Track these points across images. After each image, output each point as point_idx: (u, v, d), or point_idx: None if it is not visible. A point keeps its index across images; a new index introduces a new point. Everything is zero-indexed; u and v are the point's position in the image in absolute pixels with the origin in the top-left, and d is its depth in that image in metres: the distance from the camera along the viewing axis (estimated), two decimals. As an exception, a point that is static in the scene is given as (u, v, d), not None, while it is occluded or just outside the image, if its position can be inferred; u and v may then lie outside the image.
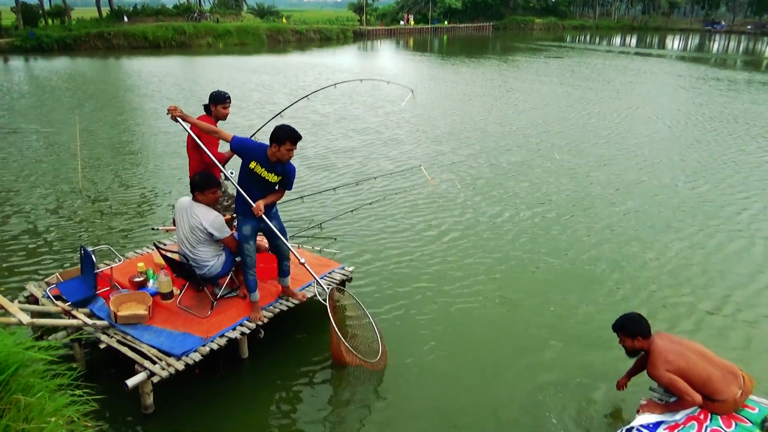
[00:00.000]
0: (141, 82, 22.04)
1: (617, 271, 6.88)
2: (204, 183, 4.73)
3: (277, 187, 4.76)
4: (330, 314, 4.67)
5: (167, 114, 4.71)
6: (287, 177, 4.74)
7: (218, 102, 5.36)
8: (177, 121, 4.74)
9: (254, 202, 4.64)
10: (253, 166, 4.59)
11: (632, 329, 3.92)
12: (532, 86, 22.29)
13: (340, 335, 4.63)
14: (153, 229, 6.89)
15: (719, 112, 17.08)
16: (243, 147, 4.62)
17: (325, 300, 4.80)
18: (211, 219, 4.68)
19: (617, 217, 8.55)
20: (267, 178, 4.63)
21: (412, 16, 68.51)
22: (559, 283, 6.55)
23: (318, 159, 11.47)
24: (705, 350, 3.87)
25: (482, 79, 24.37)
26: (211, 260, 4.79)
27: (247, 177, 4.67)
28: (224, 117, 5.44)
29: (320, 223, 7.55)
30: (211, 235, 4.68)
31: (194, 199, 4.78)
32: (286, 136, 4.48)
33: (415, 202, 9.02)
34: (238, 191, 4.73)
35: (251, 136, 6.24)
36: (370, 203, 8.73)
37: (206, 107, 5.44)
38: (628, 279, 6.68)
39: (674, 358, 3.72)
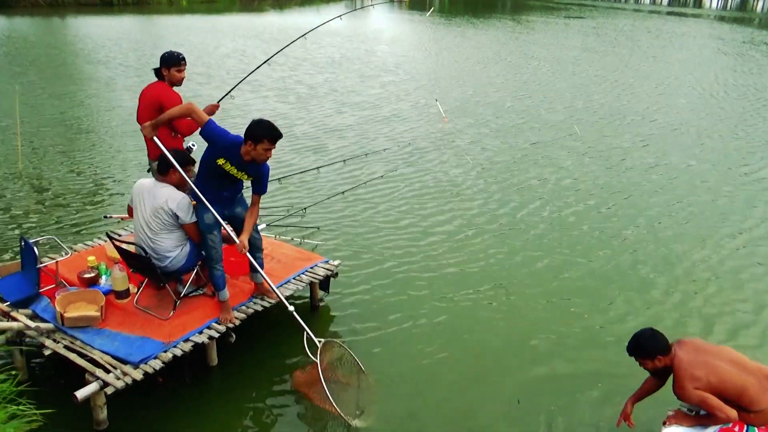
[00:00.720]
0: (92, 45, 21.85)
1: (664, 273, 6.78)
2: (178, 160, 4.75)
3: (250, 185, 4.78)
4: (321, 375, 4.44)
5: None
6: (261, 179, 4.75)
7: (171, 64, 5.31)
8: (154, 141, 4.71)
9: (215, 195, 4.67)
10: (221, 163, 4.57)
11: (649, 349, 3.86)
12: (551, 52, 22.27)
13: (335, 404, 4.39)
14: (105, 217, 6.87)
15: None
16: (214, 138, 4.55)
17: (315, 354, 4.59)
18: (179, 199, 4.71)
19: (660, 209, 8.50)
20: (237, 176, 4.65)
21: None
22: (593, 291, 6.43)
23: (306, 139, 11.39)
24: (736, 355, 3.87)
25: (493, 44, 24.33)
26: (174, 251, 4.80)
27: (210, 167, 4.64)
28: (179, 82, 5.42)
29: (303, 208, 7.50)
30: (176, 217, 4.71)
31: (159, 179, 4.83)
32: (264, 133, 4.44)
33: (417, 188, 9.01)
34: (198, 174, 4.73)
35: (222, 99, 6.26)
36: (365, 182, 8.69)
37: (157, 71, 5.40)
38: (677, 283, 6.59)
39: (702, 373, 3.70)
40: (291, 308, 4.87)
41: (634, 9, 45.97)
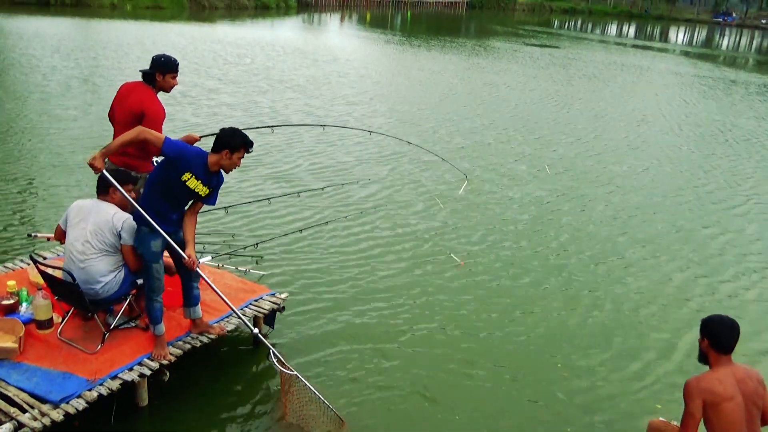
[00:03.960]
0: (24, 48, 21.36)
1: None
2: (120, 177, 4.75)
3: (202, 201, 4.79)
4: (304, 380, 4.69)
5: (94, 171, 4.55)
6: (216, 189, 4.79)
7: (168, 70, 5.33)
8: (104, 175, 4.61)
9: (164, 218, 4.60)
10: (186, 179, 4.52)
11: (708, 328, 3.88)
12: (522, 83, 22.68)
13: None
14: (30, 236, 6.64)
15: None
16: (179, 153, 4.50)
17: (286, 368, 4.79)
18: (125, 217, 4.71)
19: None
20: (198, 191, 4.62)
21: None
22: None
23: (261, 167, 11.12)
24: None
25: (458, 69, 24.74)
26: (108, 276, 4.71)
27: (166, 187, 4.57)
28: (170, 89, 5.45)
29: (255, 244, 7.35)
30: (119, 237, 4.70)
31: (100, 198, 4.87)
32: (242, 142, 4.54)
33: (377, 230, 8.77)
34: (146, 196, 4.66)
35: (206, 136, 6.19)
36: (327, 222, 8.48)
37: (147, 76, 5.35)
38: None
39: (720, 391, 3.70)
40: (255, 330, 4.96)
41: (599, 39, 47.68)
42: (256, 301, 5.72)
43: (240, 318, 5.08)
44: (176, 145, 4.52)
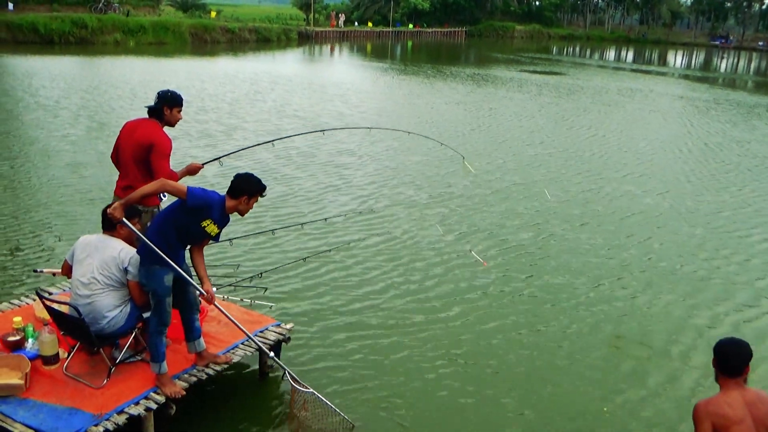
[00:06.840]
0: (30, 87, 21.58)
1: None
2: (126, 212, 4.73)
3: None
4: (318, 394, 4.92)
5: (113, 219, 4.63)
6: (223, 229, 4.86)
7: (175, 104, 5.45)
8: (123, 223, 4.68)
9: (173, 255, 4.62)
10: (206, 224, 4.63)
11: (717, 350, 3.82)
12: (556, 114, 22.70)
13: None
14: (35, 271, 6.66)
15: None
16: (204, 203, 4.59)
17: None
18: (132, 253, 4.74)
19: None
20: (212, 233, 4.75)
21: (343, 17, 68.49)
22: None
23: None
24: None
25: (478, 99, 24.89)
26: (114, 310, 4.72)
27: (183, 229, 4.64)
28: (176, 123, 5.56)
29: (260, 273, 7.36)
30: (125, 272, 4.73)
31: (106, 234, 4.88)
32: (259, 188, 4.70)
33: (378, 252, 8.79)
34: (160, 233, 4.66)
35: (208, 162, 6.37)
36: (329, 250, 8.51)
37: (154, 111, 5.43)
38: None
39: (729, 414, 3.61)
40: (271, 354, 5.12)
41: (598, 65, 48.08)
42: (261, 332, 5.70)
43: (256, 343, 5.21)
44: (200, 196, 4.57)
